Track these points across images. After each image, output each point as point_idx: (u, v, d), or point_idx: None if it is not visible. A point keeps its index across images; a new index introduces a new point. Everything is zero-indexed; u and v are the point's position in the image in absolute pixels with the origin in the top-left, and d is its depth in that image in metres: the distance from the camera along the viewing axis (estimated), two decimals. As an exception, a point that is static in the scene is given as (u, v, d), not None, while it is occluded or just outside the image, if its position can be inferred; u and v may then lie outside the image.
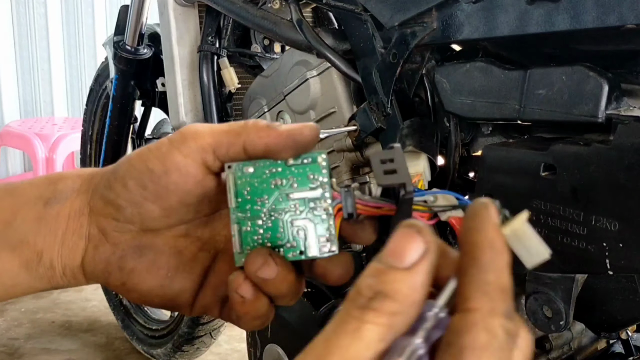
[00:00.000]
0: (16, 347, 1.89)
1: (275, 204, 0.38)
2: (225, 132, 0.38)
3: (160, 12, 1.25)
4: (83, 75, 3.53)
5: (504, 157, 0.61)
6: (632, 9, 0.53)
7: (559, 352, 0.77)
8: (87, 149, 1.89)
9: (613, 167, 0.53)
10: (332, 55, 0.86)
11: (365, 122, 0.81)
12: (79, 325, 2.02)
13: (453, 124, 0.72)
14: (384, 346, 0.27)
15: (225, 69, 1.20)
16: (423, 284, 0.27)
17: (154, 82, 1.54)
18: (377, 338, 0.27)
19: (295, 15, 0.90)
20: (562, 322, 0.62)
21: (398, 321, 0.27)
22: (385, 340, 0.27)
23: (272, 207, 0.38)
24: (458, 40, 0.69)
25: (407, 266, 0.27)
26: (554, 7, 0.58)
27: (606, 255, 0.54)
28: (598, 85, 0.57)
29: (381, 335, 0.27)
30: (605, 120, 0.57)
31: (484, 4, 0.64)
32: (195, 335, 1.64)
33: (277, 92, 1.03)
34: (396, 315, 0.27)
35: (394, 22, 0.74)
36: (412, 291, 0.27)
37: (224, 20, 1.20)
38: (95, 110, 1.83)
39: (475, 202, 0.30)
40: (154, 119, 1.85)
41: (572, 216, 0.56)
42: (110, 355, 1.87)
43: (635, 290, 0.62)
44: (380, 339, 0.27)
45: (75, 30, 3.48)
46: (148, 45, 1.52)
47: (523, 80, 0.63)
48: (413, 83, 0.76)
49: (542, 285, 0.63)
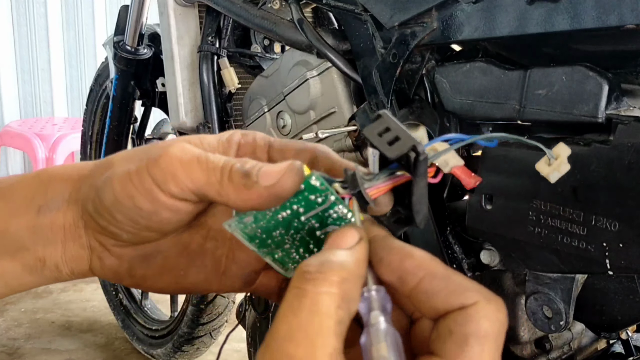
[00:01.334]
0: (16, 347, 1.89)
1: (293, 229, 0.36)
2: (206, 184, 0.35)
3: (160, 12, 1.25)
4: (83, 75, 3.53)
5: (504, 157, 0.61)
6: (632, 9, 0.53)
7: (559, 352, 0.77)
8: (87, 149, 1.89)
9: (613, 167, 0.53)
10: (332, 55, 0.86)
11: (365, 122, 0.81)
12: (79, 325, 2.02)
13: (453, 124, 0.72)
14: (342, 314, 0.28)
15: (225, 69, 1.20)
16: (364, 260, 0.31)
17: (154, 82, 1.54)
18: (334, 306, 0.28)
19: (296, 15, 0.90)
20: (562, 322, 0.62)
21: (348, 289, 0.29)
22: (342, 307, 0.29)
23: (292, 232, 0.36)
24: (458, 41, 0.69)
25: (349, 247, 0.31)
26: (554, 7, 0.58)
27: (606, 255, 0.54)
28: (598, 85, 0.57)
29: (337, 303, 0.28)
30: (605, 120, 0.57)
31: (484, 4, 0.64)
32: (195, 335, 1.64)
33: (277, 92, 1.03)
34: (346, 282, 0.29)
35: (394, 22, 0.74)
36: (356, 264, 0.31)
37: (224, 20, 1.21)
38: (95, 110, 1.83)
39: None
40: (154, 119, 1.85)
41: (572, 216, 0.56)
42: (110, 355, 1.87)
43: (635, 290, 0.62)
44: (337, 306, 0.28)
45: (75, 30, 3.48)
46: (148, 45, 1.52)
47: (523, 80, 0.63)
48: (413, 83, 0.76)
49: (542, 285, 0.63)
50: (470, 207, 0.64)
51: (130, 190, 0.36)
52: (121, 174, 0.36)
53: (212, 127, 1.20)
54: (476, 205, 0.63)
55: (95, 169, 0.39)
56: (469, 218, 0.65)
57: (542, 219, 0.58)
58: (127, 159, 0.38)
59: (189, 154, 0.35)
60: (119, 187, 0.36)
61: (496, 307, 0.29)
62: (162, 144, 0.37)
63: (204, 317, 1.60)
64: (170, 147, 0.36)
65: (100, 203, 0.37)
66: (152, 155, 0.36)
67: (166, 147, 0.36)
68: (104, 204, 0.37)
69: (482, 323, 0.28)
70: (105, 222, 0.37)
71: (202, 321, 1.61)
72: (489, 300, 0.29)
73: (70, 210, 0.39)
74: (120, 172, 0.36)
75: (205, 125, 1.20)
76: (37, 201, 0.39)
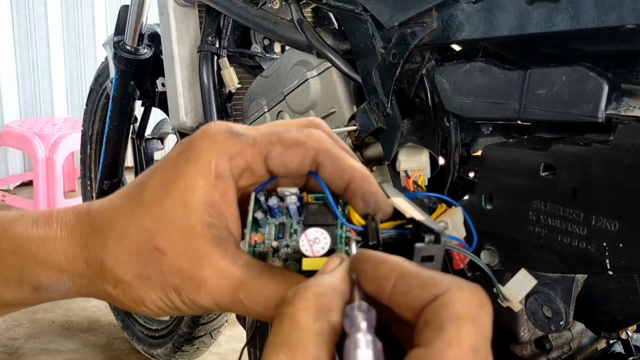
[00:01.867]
0: (16, 347, 1.89)
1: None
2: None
3: (160, 12, 1.25)
4: (83, 75, 3.53)
5: (504, 157, 0.61)
6: (632, 9, 0.53)
7: (559, 352, 0.77)
8: (87, 149, 1.89)
9: (613, 167, 0.53)
10: (332, 55, 0.86)
11: (365, 122, 0.81)
12: (79, 325, 2.02)
13: (453, 124, 0.72)
14: (320, 325, 0.30)
15: (225, 69, 1.20)
16: (342, 278, 0.32)
17: (154, 82, 1.54)
18: (311, 318, 0.30)
19: (296, 15, 0.90)
20: (562, 322, 0.62)
21: (324, 301, 0.30)
22: (320, 319, 0.30)
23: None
24: (458, 40, 0.69)
25: (328, 271, 0.33)
26: (554, 7, 0.58)
27: (606, 255, 0.54)
28: (598, 85, 0.57)
29: (314, 315, 0.30)
30: (605, 120, 0.57)
31: (484, 4, 0.64)
32: (195, 335, 1.64)
33: (277, 92, 1.03)
34: (321, 296, 0.30)
35: (394, 22, 0.74)
36: (333, 280, 0.32)
37: (224, 20, 1.21)
38: (95, 110, 1.83)
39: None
40: (154, 119, 1.85)
41: (572, 216, 0.56)
42: (110, 355, 1.87)
43: (635, 290, 0.62)
44: (315, 318, 0.30)
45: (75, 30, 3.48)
46: (148, 45, 1.52)
47: (523, 80, 0.63)
48: (413, 83, 0.76)
49: (542, 285, 0.63)
50: (470, 207, 0.64)
51: (164, 311, 0.36)
52: (149, 300, 0.36)
53: (212, 127, 1.20)
54: (476, 205, 0.63)
55: (92, 274, 0.36)
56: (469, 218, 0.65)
57: (542, 219, 0.58)
58: (142, 278, 0.35)
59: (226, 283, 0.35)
60: (147, 309, 0.36)
61: (470, 291, 0.29)
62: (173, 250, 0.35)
63: (204, 317, 1.60)
64: (203, 273, 0.35)
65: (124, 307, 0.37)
66: (186, 280, 0.35)
67: (195, 268, 0.35)
68: (129, 308, 0.37)
69: (456, 307, 0.28)
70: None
71: (202, 321, 1.61)
72: (460, 286, 0.29)
73: (73, 293, 0.38)
74: (147, 299, 0.36)
75: (205, 125, 1.20)
76: (29, 281, 0.37)
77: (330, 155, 0.36)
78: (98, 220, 0.36)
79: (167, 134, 1.86)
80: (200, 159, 0.35)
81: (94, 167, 1.88)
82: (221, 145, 0.35)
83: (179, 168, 0.36)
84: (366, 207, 0.36)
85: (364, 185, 0.36)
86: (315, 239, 0.36)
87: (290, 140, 0.36)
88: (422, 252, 0.34)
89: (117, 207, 0.36)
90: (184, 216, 0.35)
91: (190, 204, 0.35)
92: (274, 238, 0.38)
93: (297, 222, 0.38)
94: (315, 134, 0.36)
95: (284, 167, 0.36)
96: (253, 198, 0.38)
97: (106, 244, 0.36)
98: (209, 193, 0.35)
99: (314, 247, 0.36)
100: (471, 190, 0.65)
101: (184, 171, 0.35)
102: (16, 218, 0.38)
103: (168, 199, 0.35)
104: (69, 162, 3.33)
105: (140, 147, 1.78)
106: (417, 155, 0.71)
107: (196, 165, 0.35)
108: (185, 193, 0.35)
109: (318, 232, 0.37)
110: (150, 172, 0.37)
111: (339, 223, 0.37)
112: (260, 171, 0.36)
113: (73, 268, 0.36)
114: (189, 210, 0.35)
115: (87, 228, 0.36)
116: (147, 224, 0.35)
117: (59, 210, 0.38)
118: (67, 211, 0.38)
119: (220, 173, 0.35)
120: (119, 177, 1.71)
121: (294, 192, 0.38)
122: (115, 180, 1.70)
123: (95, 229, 0.36)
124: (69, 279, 0.37)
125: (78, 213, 0.37)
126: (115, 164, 1.67)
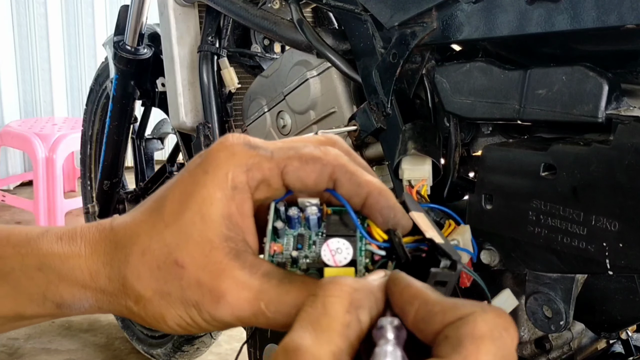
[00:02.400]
0: (16, 347, 1.89)
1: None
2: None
3: (160, 12, 1.25)
4: (83, 75, 3.53)
5: (504, 157, 0.61)
6: (632, 9, 0.53)
7: (559, 352, 0.77)
8: (87, 149, 1.89)
9: (613, 167, 0.53)
10: (332, 55, 0.86)
11: (366, 122, 0.81)
12: (79, 325, 2.02)
13: (453, 124, 0.72)
14: (350, 319, 0.30)
15: (225, 69, 1.20)
16: (380, 287, 0.32)
17: (154, 82, 1.54)
18: (342, 310, 0.30)
19: (296, 15, 0.90)
20: (562, 322, 0.62)
21: (357, 298, 0.31)
22: (350, 312, 0.30)
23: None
24: (458, 40, 0.69)
25: (370, 279, 0.33)
26: (554, 7, 0.58)
27: (606, 255, 0.54)
28: (598, 85, 0.57)
29: (345, 307, 0.30)
30: (605, 120, 0.57)
31: (484, 4, 0.64)
32: (195, 335, 1.64)
33: (277, 92, 1.03)
34: (356, 292, 0.31)
35: (394, 22, 0.74)
36: (369, 283, 0.32)
37: (224, 20, 1.20)
38: (95, 110, 1.83)
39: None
40: (154, 119, 1.85)
41: (572, 216, 0.56)
42: (110, 355, 1.87)
43: (635, 290, 0.62)
44: (346, 310, 0.30)
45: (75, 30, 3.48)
46: (148, 45, 1.52)
47: (523, 80, 0.63)
48: (413, 83, 0.76)
49: (542, 285, 0.63)
50: (470, 207, 0.64)
51: (185, 328, 0.36)
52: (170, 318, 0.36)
53: (212, 127, 1.20)
54: (476, 205, 0.63)
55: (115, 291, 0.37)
56: (469, 218, 0.65)
57: (542, 219, 0.58)
58: (163, 295, 0.35)
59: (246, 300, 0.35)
60: (168, 327, 0.36)
61: (495, 314, 0.29)
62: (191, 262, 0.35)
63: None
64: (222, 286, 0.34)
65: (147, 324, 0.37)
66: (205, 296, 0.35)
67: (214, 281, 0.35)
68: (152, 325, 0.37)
69: (477, 325, 0.28)
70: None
71: (202, 321, 1.61)
72: (485, 309, 0.29)
73: (102, 310, 0.38)
74: (168, 316, 0.36)
75: (205, 125, 1.20)
76: (52, 298, 0.38)
77: (347, 171, 0.36)
78: (120, 237, 0.37)
79: (167, 134, 1.86)
80: (218, 170, 0.35)
81: (94, 167, 1.88)
82: (239, 158, 0.36)
83: (197, 180, 0.36)
84: (385, 221, 0.36)
85: (381, 200, 0.36)
86: (338, 249, 0.36)
87: (308, 156, 0.36)
88: (437, 277, 0.34)
89: (139, 222, 0.37)
90: (202, 230, 0.35)
91: (207, 216, 0.35)
92: (292, 248, 0.37)
93: (316, 234, 0.38)
94: (332, 151, 0.37)
95: (300, 182, 0.36)
96: (273, 208, 0.37)
97: (128, 259, 0.36)
98: (226, 205, 0.35)
99: (336, 257, 0.36)
100: (471, 190, 0.65)
101: (202, 183, 0.35)
102: (41, 234, 0.38)
103: (187, 213, 0.35)
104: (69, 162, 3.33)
105: (140, 147, 1.78)
106: (420, 165, 0.71)
107: (213, 178, 0.35)
108: (203, 206, 0.35)
109: (340, 243, 0.37)
110: (170, 185, 0.37)
111: (359, 236, 0.37)
112: (276, 184, 0.36)
113: (96, 284, 0.37)
114: (207, 223, 0.35)
115: (110, 244, 0.37)
116: (168, 239, 0.35)
117: (83, 226, 0.39)
118: (90, 227, 0.38)
119: (237, 185, 0.35)
120: (119, 177, 1.71)
121: (314, 203, 0.37)
122: (115, 180, 1.70)
123: (117, 245, 0.36)
124: (92, 295, 0.37)
125: (102, 229, 0.38)
126: (115, 164, 1.67)
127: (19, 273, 0.37)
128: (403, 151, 0.72)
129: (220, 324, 0.36)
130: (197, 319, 0.35)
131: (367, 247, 0.37)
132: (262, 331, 0.96)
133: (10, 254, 0.38)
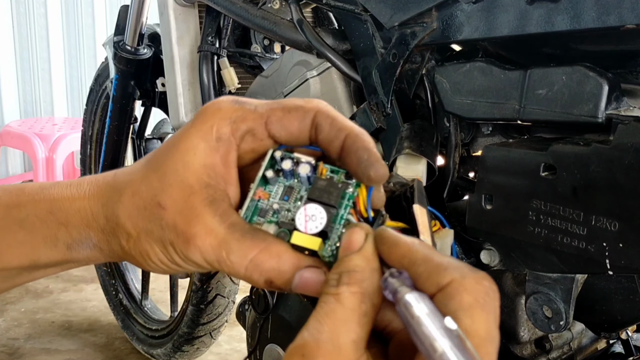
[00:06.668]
0: (16, 347, 1.89)
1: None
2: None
3: (160, 12, 1.25)
4: (83, 75, 3.53)
5: (504, 157, 0.61)
6: (632, 9, 0.53)
7: (559, 352, 0.77)
8: (87, 149, 1.89)
9: (613, 167, 0.53)
10: (332, 55, 0.86)
11: (365, 122, 0.81)
12: (79, 325, 2.02)
13: (453, 124, 0.72)
14: (365, 307, 0.32)
15: (225, 69, 1.20)
16: (373, 255, 0.34)
17: (154, 82, 1.54)
18: (357, 302, 0.32)
19: (296, 15, 0.90)
20: (562, 322, 0.62)
21: (367, 285, 0.33)
22: (365, 302, 0.32)
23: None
24: (458, 40, 0.69)
25: (357, 249, 0.34)
26: (554, 7, 0.58)
27: (606, 255, 0.54)
28: (598, 85, 0.57)
29: (359, 299, 0.32)
30: (605, 120, 0.57)
31: (484, 4, 0.64)
32: (195, 335, 1.64)
33: (277, 92, 1.03)
34: (364, 281, 0.33)
35: (394, 22, 0.74)
36: (367, 262, 0.34)
37: (224, 20, 1.20)
38: (95, 110, 1.83)
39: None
40: (154, 119, 1.85)
41: (572, 216, 0.56)
42: (110, 355, 1.87)
43: (635, 290, 0.62)
44: (360, 301, 0.32)
45: (75, 30, 3.48)
46: (148, 45, 1.52)
47: (523, 80, 0.63)
48: (413, 83, 0.76)
49: (542, 285, 0.63)
50: (470, 207, 0.64)
51: (167, 265, 0.39)
52: (153, 254, 0.38)
53: (212, 127, 1.20)
54: (476, 205, 0.63)
55: (111, 229, 0.40)
56: (469, 218, 0.65)
57: (542, 219, 0.58)
58: (147, 232, 0.38)
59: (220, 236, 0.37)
60: (153, 263, 0.39)
61: (474, 279, 0.30)
62: (173, 205, 0.37)
63: (204, 317, 1.60)
64: (192, 229, 0.37)
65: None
66: (179, 235, 0.37)
67: (187, 224, 0.37)
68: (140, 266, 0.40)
69: (463, 297, 0.30)
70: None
71: (202, 321, 1.61)
72: (464, 275, 0.30)
73: (102, 254, 0.41)
74: (151, 253, 0.38)
75: (205, 125, 1.20)
76: (63, 239, 0.41)
77: (327, 116, 0.38)
78: (119, 182, 0.40)
79: (167, 134, 1.85)
80: (203, 124, 0.38)
81: (94, 167, 1.88)
82: (224, 112, 0.38)
83: (184, 132, 0.39)
84: (359, 162, 0.37)
85: (357, 141, 0.37)
86: (312, 216, 0.37)
87: (291, 105, 0.38)
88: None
89: (136, 170, 0.40)
90: (184, 176, 0.37)
91: (190, 164, 0.37)
92: (279, 198, 0.38)
93: (305, 190, 0.38)
94: (314, 100, 0.39)
95: (284, 130, 0.38)
96: (270, 155, 0.38)
97: (121, 199, 0.39)
98: (209, 155, 0.38)
99: (308, 223, 0.37)
100: (471, 190, 0.65)
101: (187, 135, 0.38)
102: (53, 184, 0.42)
103: (172, 160, 0.38)
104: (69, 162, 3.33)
105: (140, 147, 1.78)
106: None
107: (199, 130, 0.38)
108: (186, 154, 0.38)
109: (317, 210, 0.37)
110: (166, 139, 0.40)
111: (344, 204, 0.37)
112: (261, 135, 0.38)
113: (97, 224, 0.40)
114: (189, 170, 0.37)
115: (109, 188, 0.40)
116: (154, 183, 0.38)
117: (91, 176, 0.43)
118: (97, 176, 0.42)
119: (221, 136, 0.38)
120: (119, 177, 1.71)
121: (308, 161, 0.38)
122: (115, 180, 1.69)
123: (114, 188, 0.40)
124: (94, 235, 0.40)
125: (105, 176, 0.41)
126: (115, 164, 1.67)
127: (33, 218, 0.41)
128: (398, 150, 0.72)
129: (196, 265, 0.38)
130: (175, 257, 0.38)
131: (348, 216, 0.37)
132: (263, 331, 0.96)
133: (25, 201, 0.41)
